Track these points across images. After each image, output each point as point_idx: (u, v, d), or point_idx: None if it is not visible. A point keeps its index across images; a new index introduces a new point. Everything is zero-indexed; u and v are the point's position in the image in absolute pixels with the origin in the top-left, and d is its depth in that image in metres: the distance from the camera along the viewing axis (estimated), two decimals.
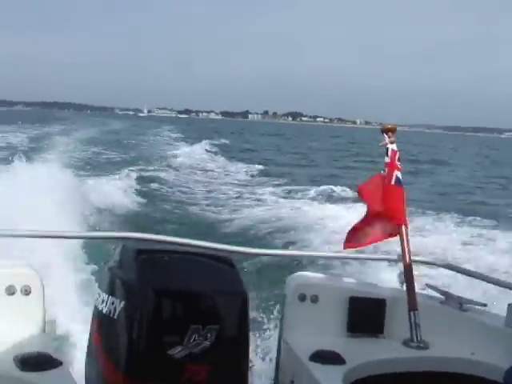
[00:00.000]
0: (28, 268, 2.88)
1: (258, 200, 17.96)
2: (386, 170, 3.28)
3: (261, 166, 28.40)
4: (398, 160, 3.31)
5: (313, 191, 19.52)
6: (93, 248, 7.69)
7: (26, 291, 2.75)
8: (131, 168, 21.84)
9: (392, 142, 3.28)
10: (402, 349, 3.10)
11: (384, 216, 3.29)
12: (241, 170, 26.98)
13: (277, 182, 22.69)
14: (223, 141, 48.20)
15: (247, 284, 2.72)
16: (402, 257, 3.31)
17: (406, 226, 3.31)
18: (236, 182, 23.20)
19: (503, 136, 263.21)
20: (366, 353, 3.01)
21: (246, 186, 21.88)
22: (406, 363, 3.03)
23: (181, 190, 19.68)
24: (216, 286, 2.60)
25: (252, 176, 25.31)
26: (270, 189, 20.52)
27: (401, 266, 3.31)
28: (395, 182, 3.26)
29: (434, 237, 11.70)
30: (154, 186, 19.52)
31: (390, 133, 3.30)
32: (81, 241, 7.06)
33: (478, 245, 11.28)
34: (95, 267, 6.75)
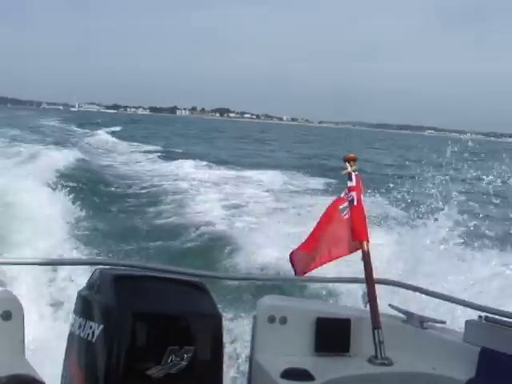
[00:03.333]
0: (8, 293, 2.93)
1: None
2: (352, 193, 3.52)
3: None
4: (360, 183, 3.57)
5: None
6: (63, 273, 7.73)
7: (7, 316, 2.77)
8: None
9: (354, 170, 3.55)
10: (368, 366, 3.20)
11: (348, 234, 3.51)
12: None
13: None
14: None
15: (219, 306, 2.86)
16: (365, 276, 3.44)
17: (367, 242, 3.49)
18: None
19: (426, 133, 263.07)
20: (334, 370, 3.12)
21: None
22: (371, 379, 3.13)
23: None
24: (191, 309, 2.72)
25: None
26: None
27: (364, 286, 3.47)
28: (357, 201, 3.50)
29: None
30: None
31: (351, 162, 3.56)
32: (51, 266, 7.09)
33: None
34: (68, 292, 6.77)
